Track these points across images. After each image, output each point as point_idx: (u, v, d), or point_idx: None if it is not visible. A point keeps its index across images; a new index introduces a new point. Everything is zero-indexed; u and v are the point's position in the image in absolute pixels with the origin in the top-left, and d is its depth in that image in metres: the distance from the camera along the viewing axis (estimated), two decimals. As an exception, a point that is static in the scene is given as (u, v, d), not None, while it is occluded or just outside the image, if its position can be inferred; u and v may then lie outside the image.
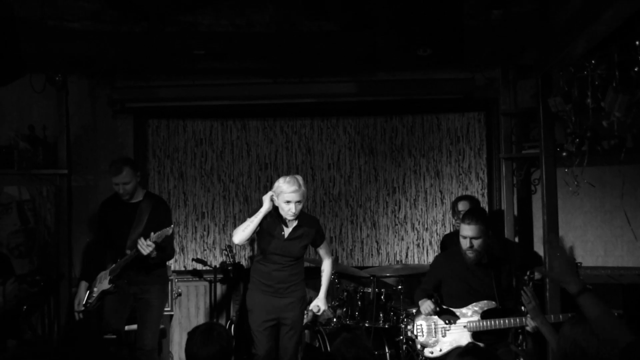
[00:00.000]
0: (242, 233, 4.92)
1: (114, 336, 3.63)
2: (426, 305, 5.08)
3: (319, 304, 5.23)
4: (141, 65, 6.40)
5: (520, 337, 4.06)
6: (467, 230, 4.95)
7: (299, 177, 4.98)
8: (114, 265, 5.27)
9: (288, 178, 4.95)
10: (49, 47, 5.65)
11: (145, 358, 5.33)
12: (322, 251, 5.30)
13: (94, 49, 5.78)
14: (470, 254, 4.97)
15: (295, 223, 5.03)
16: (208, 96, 6.70)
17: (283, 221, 5.01)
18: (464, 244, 4.97)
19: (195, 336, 3.12)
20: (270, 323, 5.01)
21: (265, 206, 4.90)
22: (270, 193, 4.94)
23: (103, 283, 5.30)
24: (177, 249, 6.83)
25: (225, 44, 5.79)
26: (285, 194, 4.88)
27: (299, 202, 4.90)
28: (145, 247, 5.00)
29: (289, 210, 4.90)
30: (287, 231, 5.02)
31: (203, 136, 6.84)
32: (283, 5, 5.41)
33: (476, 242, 4.93)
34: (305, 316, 5.42)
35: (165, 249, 5.24)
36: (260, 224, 4.99)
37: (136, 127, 6.78)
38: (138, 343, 5.34)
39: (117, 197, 5.42)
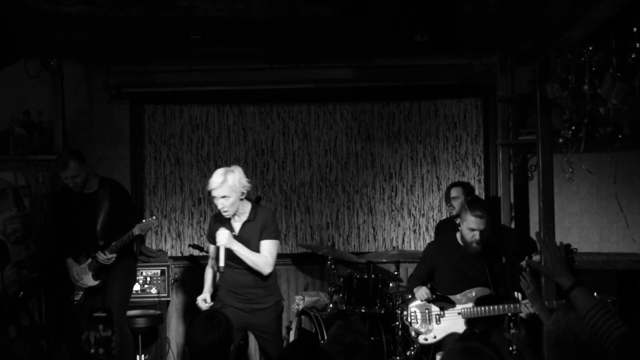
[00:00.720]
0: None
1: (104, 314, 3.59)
2: (422, 291, 5.09)
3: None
4: (137, 50, 6.37)
5: (512, 324, 4.07)
6: (477, 223, 4.93)
7: (231, 169, 4.60)
8: (90, 260, 5.28)
9: (218, 170, 4.62)
10: (45, 32, 5.63)
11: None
12: (261, 247, 4.67)
13: (89, 33, 5.75)
14: (476, 246, 4.97)
15: (244, 218, 4.67)
16: (205, 81, 6.66)
17: (233, 218, 4.70)
18: (471, 235, 4.96)
19: (196, 324, 3.12)
20: (237, 325, 4.46)
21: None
22: None
23: (86, 279, 5.30)
24: (174, 235, 6.84)
25: (223, 28, 5.77)
26: (211, 190, 4.58)
27: (224, 197, 4.52)
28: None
29: (219, 207, 4.57)
30: (236, 229, 4.70)
31: (199, 121, 6.83)
32: (281, -10, 5.39)
33: (484, 234, 4.94)
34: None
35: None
36: (214, 226, 4.70)
37: (132, 113, 6.75)
38: None
39: (68, 191, 5.35)
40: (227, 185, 4.50)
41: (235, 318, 4.39)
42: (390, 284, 5.77)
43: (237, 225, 4.71)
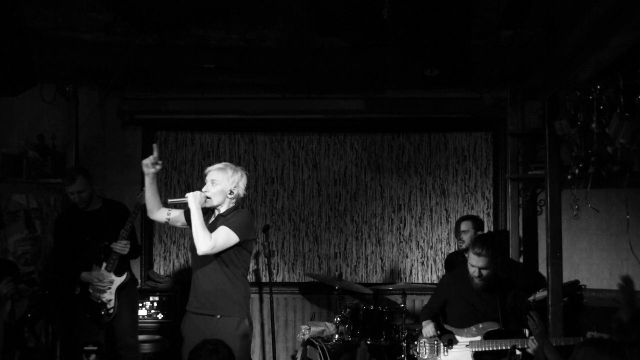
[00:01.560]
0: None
1: (95, 347, 3.63)
2: (428, 328, 5.12)
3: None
4: (151, 77, 6.45)
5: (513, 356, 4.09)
6: (476, 260, 4.96)
7: (237, 168, 4.50)
8: (105, 264, 5.37)
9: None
10: (61, 58, 5.71)
11: (132, 354, 5.46)
12: (216, 230, 4.34)
13: (105, 60, 5.83)
14: (477, 282, 4.99)
15: (221, 211, 4.46)
16: (217, 109, 6.73)
17: (214, 212, 4.53)
18: (472, 272, 4.99)
19: (199, 355, 3.11)
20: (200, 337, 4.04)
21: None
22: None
23: (111, 279, 5.36)
24: (182, 261, 6.86)
25: (236, 58, 5.84)
26: (207, 171, 4.50)
27: (213, 180, 4.41)
28: (123, 247, 5.31)
29: (203, 189, 4.44)
30: (211, 220, 4.49)
31: (211, 149, 6.88)
32: (294, 21, 5.46)
33: (484, 272, 4.96)
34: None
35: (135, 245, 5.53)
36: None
37: (145, 139, 6.82)
38: (120, 343, 5.43)
39: (72, 211, 5.54)
40: (222, 173, 4.43)
41: (195, 337, 4.06)
42: (397, 316, 5.75)
43: (212, 217, 4.51)
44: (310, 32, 5.71)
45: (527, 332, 5.01)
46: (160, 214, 4.66)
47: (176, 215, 4.64)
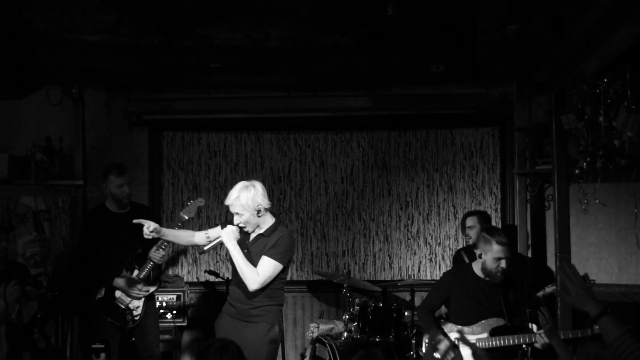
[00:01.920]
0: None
1: (102, 345, 3.61)
2: (443, 346, 4.87)
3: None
4: (157, 78, 6.46)
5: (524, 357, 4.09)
6: (503, 251, 4.83)
7: (248, 185, 4.51)
8: (136, 271, 5.40)
9: (237, 185, 4.58)
10: (67, 60, 5.73)
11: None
12: (259, 262, 4.47)
13: (111, 61, 5.85)
14: (501, 275, 4.91)
15: (261, 230, 4.55)
16: (223, 109, 6.74)
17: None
18: (496, 265, 4.85)
19: (209, 354, 3.11)
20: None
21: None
22: None
23: (148, 289, 5.43)
24: (190, 261, 6.88)
25: (241, 57, 5.84)
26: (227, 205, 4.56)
27: (237, 214, 4.46)
28: (161, 259, 5.35)
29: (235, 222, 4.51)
30: (251, 237, 4.62)
31: (217, 148, 6.89)
32: (299, 19, 5.45)
33: (507, 263, 4.90)
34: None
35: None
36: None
37: (151, 139, 6.84)
38: (146, 352, 5.45)
39: (101, 212, 5.56)
40: (239, 204, 4.45)
41: (224, 328, 4.56)
42: (406, 313, 5.75)
43: (253, 235, 4.61)
44: (315, 30, 5.69)
45: (534, 327, 4.99)
46: (199, 240, 4.81)
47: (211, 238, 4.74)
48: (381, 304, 5.69)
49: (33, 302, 5.33)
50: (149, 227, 4.60)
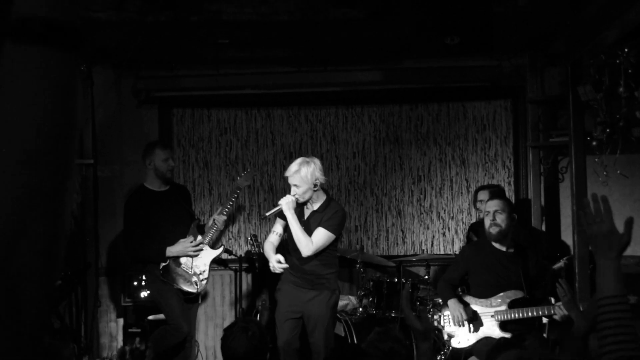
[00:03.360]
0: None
1: (139, 329, 3.61)
2: (458, 313, 5.00)
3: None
4: (166, 54, 6.40)
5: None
6: (489, 205, 5.00)
7: (308, 160, 4.89)
8: (200, 237, 5.57)
9: (297, 159, 4.95)
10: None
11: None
12: (314, 233, 4.85)
13: (118, 38, 5.78)
14: (493, 230, 4.94)
15: (315, 207, 4.92)
16: (232, 85, 6.67)
17: (307, 206, 4.97)
18: (488, 219, 4.97)
19: (230, 334, 3.12)
20: (292, 315, 4.95)
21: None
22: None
23: (204, 255, 5.58)
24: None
25: (250, 32, 5.77)
26: (286, 177, 4.93)
27: (295, 185, 4.83)
28: (224, 222, 5.66)
29: (292, 194, 4.86)
30: (306, 215, 4.96)
31: (227, 125, 6.84)
32: (307, -8, 5.38)
33: (499, 217, 4.92)
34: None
35: None
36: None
37: (161, 117, 6.79)
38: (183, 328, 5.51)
39: (143, 192, 5.55)
40: (299, 176, 4.78)
41: (290, 304, 4.93)
42: (421, 288, 5.74)
43: (307, 212, 4.95)
44: (325, 3, 5.62)
45: (552, 299, 4.98)
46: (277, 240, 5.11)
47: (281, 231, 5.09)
48: (396, 279, 5.68)
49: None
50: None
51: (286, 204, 4.81)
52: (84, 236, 6.43)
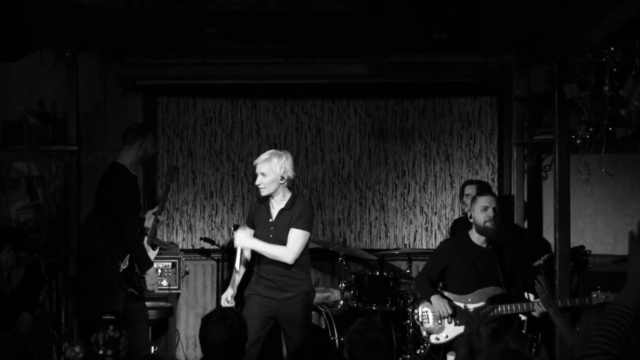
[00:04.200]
0: None
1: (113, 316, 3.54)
2: (443, 309, 4.99)
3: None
4: (152, 42, 6.35)
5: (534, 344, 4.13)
6: (488, 200, 4.98)
7: (281, 152, 4.74)
8: (145, 237, 5.34)
9: (270, 150, 4.82)
10: (59, 23, 5.60)
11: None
12: (289, 235, 4.69)
13: (104, 25, 5.72)
14: (491, 225, 4.95)
15: (282, 205, 4.73)
16: (218, 75, 6.64)
17: (271, 204, 4.78)
18: (486, 215, 4.95)
19: (209, 324, 3.11)
20: (266, 313, 4.73)
21: None
22: None
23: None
24: (185, 228, 6.84)
25: (237, 22, 5.74)
26: (255, 164, 4.76)
27: (262, 174, 4.65)
28: (163, 217, 5.60)
29: (256, 183, 4.72)
30: (273, 215, 4.77)
31: (213, 115, 6.81)
32: (295, -16, 5.36)
33: (497, 214, 4.95)
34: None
35: None
36: (255, 211, 4.85)
37: (146, 105, 6.74)
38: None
39: (131, 176, 5.33)
40: (269, 165, 4.64)
41: (263, 306, 4.71)
42: (402, 282, 5.75)
43: (273, 211, 4.77)
44: (312, -4, 5.60)
45: (531, 296, 5.01)
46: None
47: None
48: (378, 273, 5.69)
49: (22, 267, 5.27)
50: None
51: (240, 239, 4.76)
52: (66, 223, 6.38)
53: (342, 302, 5.77)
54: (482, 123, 6.77)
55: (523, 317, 5.25)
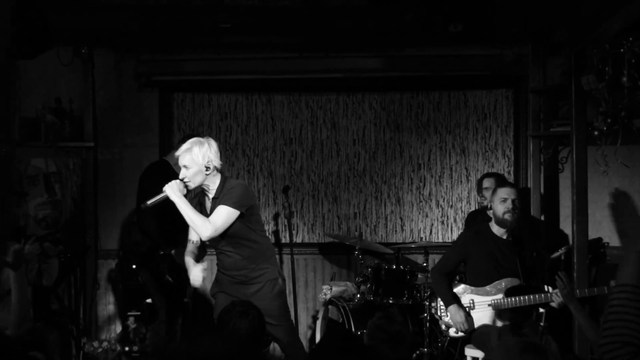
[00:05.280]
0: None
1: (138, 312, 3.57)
2: (460, 320, 4.95)
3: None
4: (167, 38, 6.37)
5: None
6: (508, 192, 4.95)
7: (203, 140, 4.39)
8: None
9: (191, 139, 4.45)
10: (76, 20, 5.64)
11: None
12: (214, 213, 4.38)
13: (120, 21, 5.76)
14: (510, 217, 4.93)
15: (212, 194, 4.44)
16: (233, 70, 6.66)
17: (206, 199, 4.53)
18: (505, 207, 4.92)
19: (230, 320, 3.11)
20: None
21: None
22: None
23: None
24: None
25: (251, 17, 5.76)
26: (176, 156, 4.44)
27: (185, 166, 4.34)
28: None
29: (180, 176, 4.37)
30: (208, 208, 4.49)
31: (228, 110, 6.83)
32: (310, -22, 5.36)
33: (516, 205, 4.94)
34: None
35: None
36: (195, 208, 4.46)
37: (161, 101, 6.76)
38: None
39: (173, 172, 5.34)
40: (190, 156, 4.33)
41: (226, 298, 4.37)
42: (419, 275, 5.75)
43: (209, 205, 4.51)
44: (326, -11, 5.61)
45: (549, 289, 4.99)
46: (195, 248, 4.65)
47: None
48: (394, 266, 5.69)
49: (54, 260, 5.32)
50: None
51: (169, 187, 4.29)
52: (83, 218, 6.44)
53: (358, 295, 5.78)
54: (497, 116, 6.75)
55: (541, 310, 5.23)
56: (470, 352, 5.05)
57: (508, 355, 2.20)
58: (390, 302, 5.58)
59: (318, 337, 6.02)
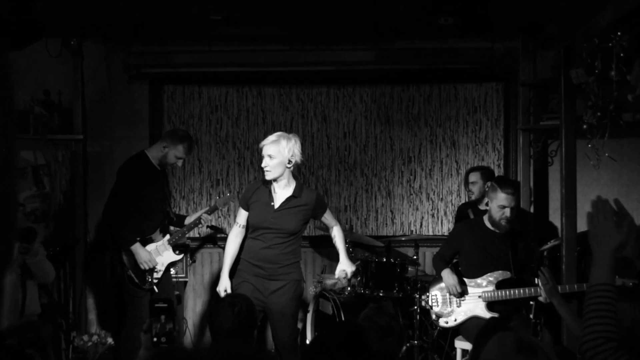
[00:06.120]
0: None
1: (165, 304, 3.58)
2: (452, 282, 5.05)
3: (344, 268, 4.98)
4: (157, 30, 6.34)
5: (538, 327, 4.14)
6: (507, 200, 4.93)
7: (289, 135, 4.68)
8: (168, 236, 5.44)
9: (278, 132, 4.75)
10: (65, 11, 5.60)
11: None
12: (326, 220, 5.00)
13: (109, 12, 5.72)
14: (505, 224, 4.95)
15: (288, 192, 4.69)
16: (224, 62, 6.64)
17: (274, 189, 4.72)
18: (501, 213, 4.94)
19: (217, 311, 3.12)
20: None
21: None
22: None
23: (166, 255, 5.40)
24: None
25: (242, 9, 5.72)
26: (261, 146, 4.69)
27: (270, 156, 4.58)
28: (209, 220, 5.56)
29: (262, 165, 4.65)
30: (277, 201, 4.70)
31: (218, 103, 6.81)
32: (301, -30, 5.33)
33: (514, 212, 4.96)
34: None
35: None
36: (253, 193, 4.79)
37: (151, 93, 6.74)
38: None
39: (144, 162, 5.41)
40: (277, 147, 4.57)
41: (253, 298, 4.40)
42: (409, 268, 5.77)
43: (277, 197, 4.70)
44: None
45: (539, 282, 5.02)
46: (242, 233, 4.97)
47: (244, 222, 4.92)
48: (385, 259, 5.70)
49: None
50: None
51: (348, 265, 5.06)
52: (73, 212, 6.41)
53: (349, 288, 5.79)
54: (488, 109, 6.76)
55: (531, 302, 5.27)
56: (460, 344, 5.09)
57: (501, 352, 2.21)
58: (381, 294, 5.60)
59: (308, 330, 6.03)
